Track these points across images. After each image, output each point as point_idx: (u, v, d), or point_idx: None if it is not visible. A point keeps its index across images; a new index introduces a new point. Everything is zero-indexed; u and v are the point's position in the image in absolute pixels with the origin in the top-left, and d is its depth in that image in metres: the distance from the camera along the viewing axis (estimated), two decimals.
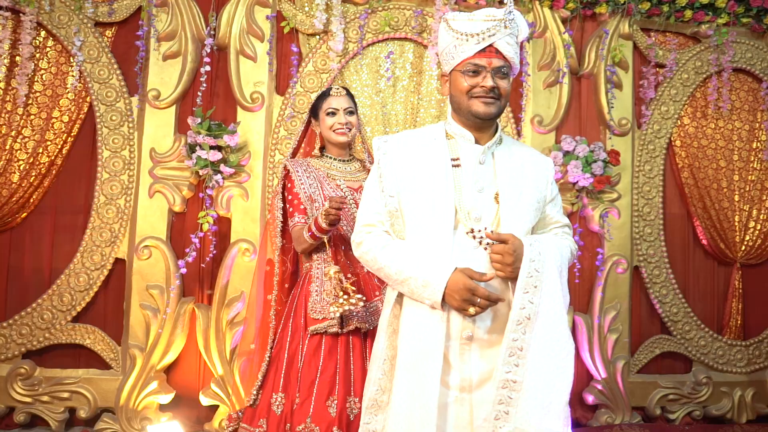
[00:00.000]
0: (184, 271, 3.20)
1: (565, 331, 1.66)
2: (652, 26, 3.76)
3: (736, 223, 3.85)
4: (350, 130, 2.55)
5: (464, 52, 1.71)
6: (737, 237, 3.84)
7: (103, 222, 3.27)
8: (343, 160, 2.59)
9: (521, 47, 2.40)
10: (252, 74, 3.36)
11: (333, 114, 2.53)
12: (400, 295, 1.77)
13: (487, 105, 1.72)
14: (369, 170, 2.60)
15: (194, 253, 3.20)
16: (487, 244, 1.67)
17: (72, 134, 3.33)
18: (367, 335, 2.38)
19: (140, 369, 3.18)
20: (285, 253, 2.58)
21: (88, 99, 3.32)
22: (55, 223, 3.33)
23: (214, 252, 3.26)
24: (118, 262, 3.30)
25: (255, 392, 2.44)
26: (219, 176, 3.24)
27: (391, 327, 1.77)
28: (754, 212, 3.88)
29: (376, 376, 1.76)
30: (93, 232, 3.26)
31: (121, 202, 3.28)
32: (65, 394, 3.21)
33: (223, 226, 3.32)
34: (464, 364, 1.67)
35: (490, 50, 1.70)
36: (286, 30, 3.42)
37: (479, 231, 1.68)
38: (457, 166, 1.77)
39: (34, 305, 3.22)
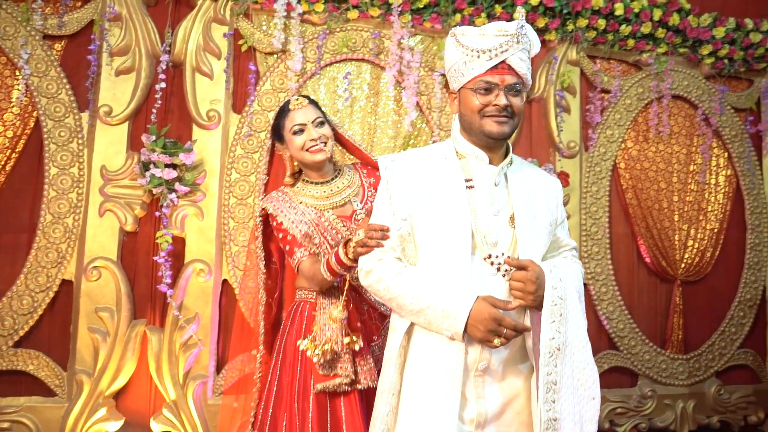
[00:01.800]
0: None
1: (591, 358, 1.59)
2: (598, 53, 3.93)
3: (676, 242, 4.03)
4: (326, 143, 2.17)
5: (475, 69, 1.62)
6: (677, 255, 4.03)
7: (49, 242, 3.13)
8: (326, 182, 2.22)
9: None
10: (208, 92, 3.31)
11: (300, 131, 2.16)
12: (411, 324, 1.65)
13: (501, 124, 1.63)
14: (361, 175, 2.29)
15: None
16: (506, 270, 1.58)
17: (16, 150, 3.19)
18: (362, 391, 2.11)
19: (87, 395, 3.05)
20: (268, 296, 2.29)
21: (34, 114, 3.19)
22: None
23: (169, 272, 3.17)
24: (65, 283, 3.15)
25: None
26: (173, 195, 3.16)
27: (400, 358, 1.64)
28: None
29: (383, 412, 1.63)
30: (38, 252, 3.12)
31: (69, 221, 3.16)
32: (5, 424, 3.03)
33: (177, 245, 3.23)
34: (480, 398, 1.58)
35: (502, 67, 1.61)
36: (244, 48, 3.39)
37: (497, 257, 1.59)
38: (471, 187, 1.66)
39: None
